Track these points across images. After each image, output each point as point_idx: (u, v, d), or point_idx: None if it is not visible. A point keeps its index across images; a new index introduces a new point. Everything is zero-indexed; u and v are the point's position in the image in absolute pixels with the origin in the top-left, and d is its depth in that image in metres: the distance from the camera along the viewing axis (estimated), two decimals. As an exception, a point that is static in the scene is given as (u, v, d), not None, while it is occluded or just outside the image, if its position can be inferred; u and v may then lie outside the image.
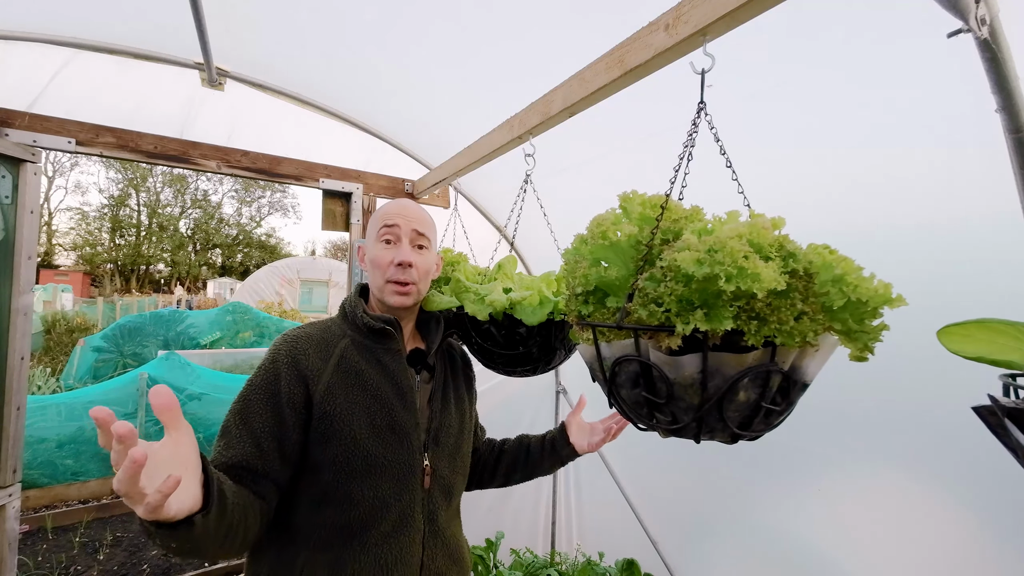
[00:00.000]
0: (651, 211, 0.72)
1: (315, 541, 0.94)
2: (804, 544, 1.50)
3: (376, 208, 2.16)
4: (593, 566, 2.11)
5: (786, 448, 1.50)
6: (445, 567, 1.04)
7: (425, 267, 1.10)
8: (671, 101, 1.31)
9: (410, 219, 1.10)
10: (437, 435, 1.07)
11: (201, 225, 31.68)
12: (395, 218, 1.09)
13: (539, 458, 1.32)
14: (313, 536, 0.94)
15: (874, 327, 0.61)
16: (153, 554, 3.57)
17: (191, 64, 1.84)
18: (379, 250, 1.08)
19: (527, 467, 1.33)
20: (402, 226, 1.09)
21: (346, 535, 0.95)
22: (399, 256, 1.06)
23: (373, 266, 1.09)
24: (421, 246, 1.11)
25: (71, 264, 27.57)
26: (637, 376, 0.65)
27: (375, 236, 1.10)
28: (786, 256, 0.59)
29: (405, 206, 1.13)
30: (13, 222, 1.52)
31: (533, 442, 1.36)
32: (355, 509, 0.95)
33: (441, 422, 1.09)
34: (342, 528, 0.95)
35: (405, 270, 1.06)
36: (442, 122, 2.08)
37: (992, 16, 0.61)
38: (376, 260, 1.08)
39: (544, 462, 1.32)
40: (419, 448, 1.02)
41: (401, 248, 1.08)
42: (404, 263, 1.06)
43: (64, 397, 4.55)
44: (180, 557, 0.75)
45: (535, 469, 1.33)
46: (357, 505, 0.95)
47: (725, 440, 0.65)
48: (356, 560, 0.94)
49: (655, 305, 0.59)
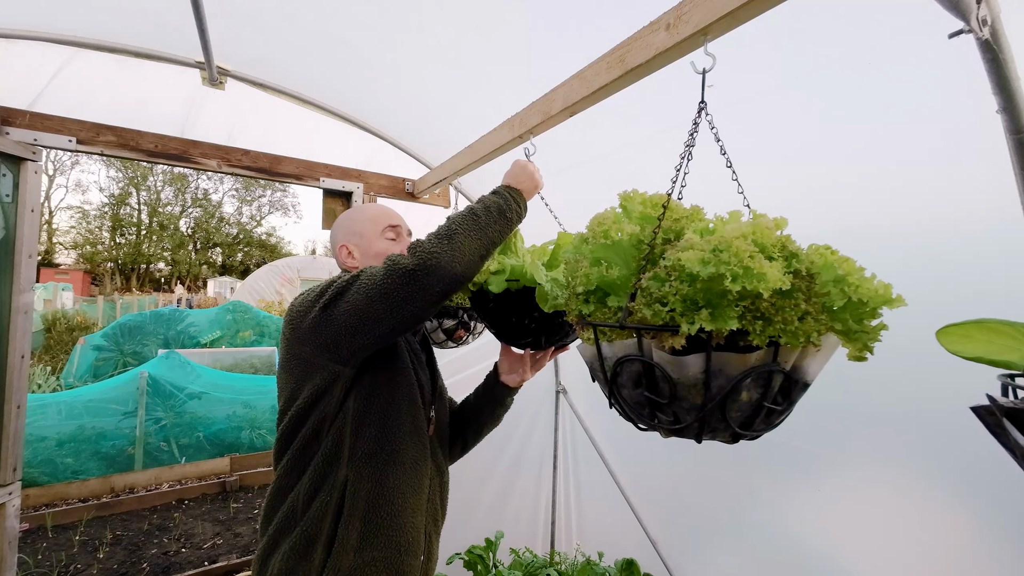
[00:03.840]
0: (652, 210, 0.72)
1: (360, 457, 1.08)
2: (804, 544, 1.51)
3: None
4: (592, 566, 2.11)
5: (786, 448, 1.50)
6: (438, 508, 1.25)
7: None
8: (671, 101, 1.31)
9: (404, 221, 1.34)
10: (441, 393, 1.32)
11: (201, 224, 31.66)
12: (396, 219, 1.31)
13: (479, 405, 1.39)
14: (358, 452, 1.08)
15: (873, 327, 0.61)
16: (153, 552, 3.57)
17: (192, 63, 1.84)
18: (386, 245, 1.25)
19: (473, 418, 1.39)
20: (402, 225, 1.32)
21: (383, 458, 1.09)
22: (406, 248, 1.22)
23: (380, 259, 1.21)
24: None
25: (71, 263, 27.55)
26: (639, 376, 0.65)
27: (377, 234, 1.26)
28: (789, 256, 0.59)
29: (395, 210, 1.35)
30: (14, 220, 1.52)
31: (472, 393, 1.44)
32: (393, 436, 1.11)
33: (441, 383, 1.33)
34: (380, 451, 1.09)
35: None
36: (443, 121, 2.08)
37: (993, 17, 0.61)
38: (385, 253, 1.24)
39: (484, 408, 1.38)
40: (428, 402, 1.24)
41: (405, 242, 1.28)
42: None
43: (64, 396, 4.55)
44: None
45: (478, 417, 1.39)
46: (394, 433, 1.11)
47: (726, 440, 0.65)
48: (392, 478, 1.09)
49: (659, 305, 0.59)
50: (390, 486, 1.09)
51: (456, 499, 1.42)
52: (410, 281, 0.91)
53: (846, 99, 1.18)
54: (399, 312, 0.94)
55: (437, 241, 0.95)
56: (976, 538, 1.13)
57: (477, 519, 2.50)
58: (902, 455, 1.25)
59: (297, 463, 1.08)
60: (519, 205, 1.08)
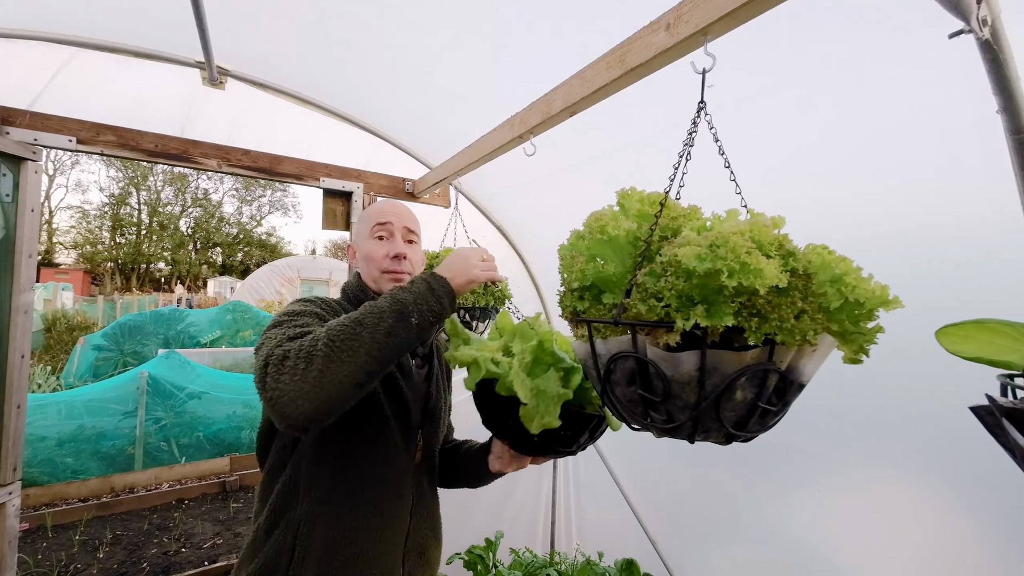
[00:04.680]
0: (649, 208, 0.71)
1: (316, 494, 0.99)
2: (803, 544, 1.50)
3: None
4: (592, 566, 2.11)
5: (785, 448, 1.50)
6: (425, 538, 1.14)
7: (417, 259, 1.19)
8: (671, 101, 1.31)
9: (401, 217, 1.18)
10: (433, 415, 1.17)
11: (201, 224, 31.67)
12: (388, 216, 1.17)
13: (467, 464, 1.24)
14: (315, 489, 0.99)
15: (869, 329, 0.61)
16: (153, 552, 3.57)
17: (192, 63, 1.84)
18: (373, 245, 1.15)
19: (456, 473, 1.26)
20: (394, 223, 1.17)
21: (344, 494, 1.00)
22: (394, 249, 1.14)
23: (367, 260, 1.15)
24: (411, 241, 1.20)
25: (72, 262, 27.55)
26: (633, 373, 0.65)
27: (367, 233, 1.17)
28: (786, 255, 0.59)
29: (395, 205, 1.22)
30: (14, 220, 1.52)
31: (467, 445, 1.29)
32: (356, 470, 1.01)
33: (436, 404, 1.18)
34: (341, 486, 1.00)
35: (400, 262, 1.14)
36: (443, 121, 2.08)
37: (994, 17, 0.61)
38: (371, 254, 1.15)
39: (471, 471, 1.23)
40: (416, 425, 1.12)
41: (395, 242, 1.15)
42: (400, 255, 1.14)
43: (64, 395, 4.55)
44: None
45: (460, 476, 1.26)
46: (358, 466, 1.01)
47: (719, 441, 0.65)
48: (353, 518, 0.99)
49: (655, 300, 0.59)
50: (352, 526, 0.98)
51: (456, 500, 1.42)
52: (266, 405, 0.78)
53: (846, 99, 1.18)
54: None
55: (293, 363, 0.77)
56: (976, 538, 1.13)
57: (477, 519, 2.50)
58: (902, 455, 1.25)
59: (265, 488, 1.02)
60: (438, 302, 0.87)
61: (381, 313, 0.82)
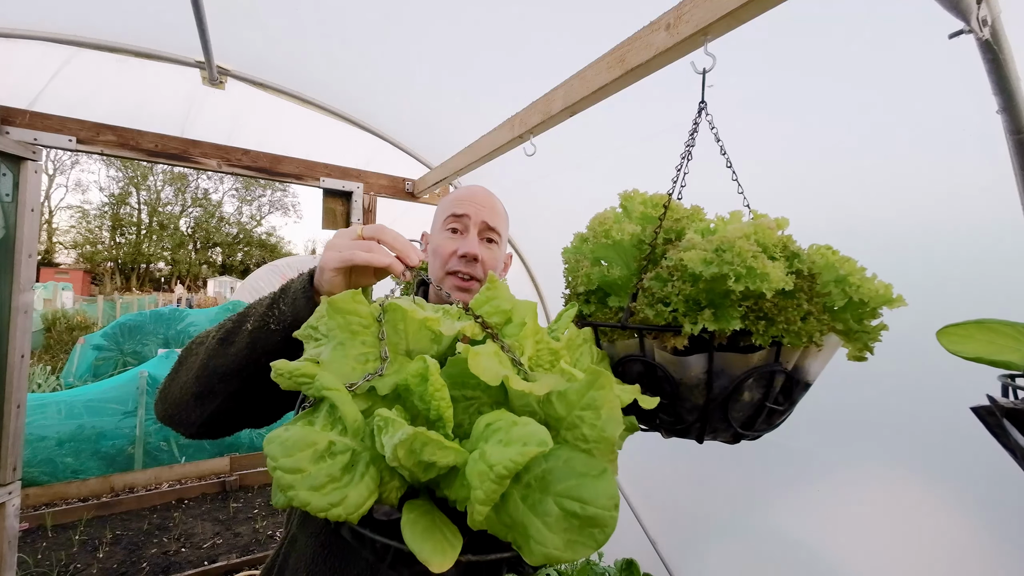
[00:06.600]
0: (652, 210, 0.71)
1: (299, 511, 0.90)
2: (803, 544, 1.50)
3: (376, 207, 2.16)
4: (592, 566, 2.11)
5: (786, 448, 1.50)
6: None
7: (492, 262, 1.00)
8: (671, 101, 1.31)
9: (481, 208, 0.98)
10: None
11: (201, 224, 31.68)
12: (465, 206, 0.98)
13: None
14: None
15: (873, 327, 0.61)
16: (152, 552, 3.57)
17: (192, 62, 1.84)
18: (443, 239, 0.97)
19: None
20: (472, 216, 0.97)
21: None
22: (464, 247, 0.95)
23: (434, 256, 0.98)
24: (490, 239, 1.01)
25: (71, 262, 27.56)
26: (641, 376, 0.65)
27: (441, 223, 1.00)
28: (790, 256, 0.59)
29: (476, 193, 1.01)
30: (14, 220, 1.52)
31: None
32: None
33: None
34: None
35: (470, 263, 0.96)
36: (443, 121, 2.08)
37: (994, 17, 0.61)
38: (439, 249, 0.97)
39: None
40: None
41: (468, 239, 0.96)
42: (469, 255, 0.95)
43: (64, 395, 4.55)
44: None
45: None
46: None
47: (727, 440, 0.65)
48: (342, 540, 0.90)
49: (662, 305, 0.59)
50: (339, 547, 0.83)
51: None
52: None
53: (846, 99, 1.18)
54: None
55: (178, 361, 0.74)
56: (976, 538, 1.13)
57: (477, 519, 2.50)
58: (902, 455, 1.25)
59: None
60: (289, 304, 0.70)
61: (228, 319, 0.73)
